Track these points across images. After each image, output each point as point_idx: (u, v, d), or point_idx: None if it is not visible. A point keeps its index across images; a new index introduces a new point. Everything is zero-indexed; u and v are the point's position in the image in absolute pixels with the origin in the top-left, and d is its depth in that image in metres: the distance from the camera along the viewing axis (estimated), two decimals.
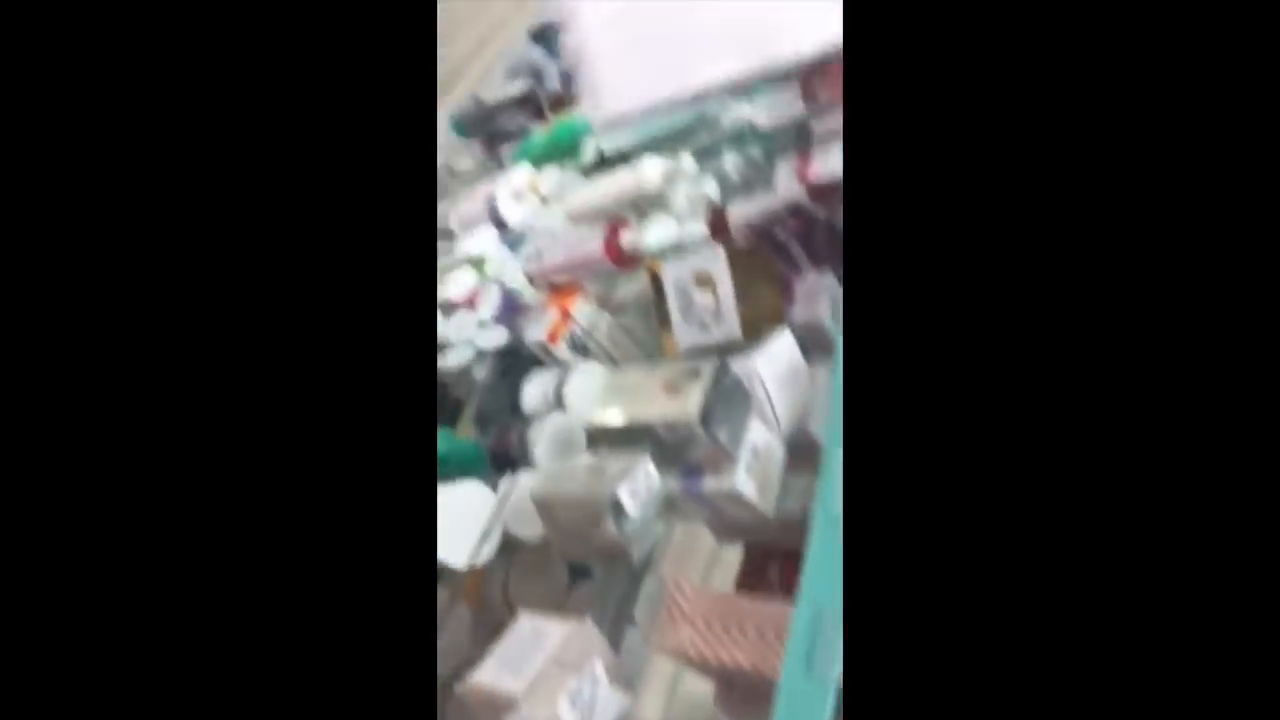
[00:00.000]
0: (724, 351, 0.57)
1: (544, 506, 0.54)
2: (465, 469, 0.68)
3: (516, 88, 1.18)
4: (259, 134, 0.18)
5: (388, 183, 0.18)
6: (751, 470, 0.52)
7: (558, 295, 0.75)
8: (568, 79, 1.14)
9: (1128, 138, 0.19)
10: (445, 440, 0.74)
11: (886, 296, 0.20)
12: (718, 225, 0.65)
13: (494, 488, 0.67)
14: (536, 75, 1.19)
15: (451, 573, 0.65)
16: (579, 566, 0.67)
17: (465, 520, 0.65)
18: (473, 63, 1.28)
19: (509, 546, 0.66)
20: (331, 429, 0.18)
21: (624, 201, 0.71)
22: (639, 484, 0.51)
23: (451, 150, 1.18)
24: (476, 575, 0.68)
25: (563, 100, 1.07)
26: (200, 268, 0.17)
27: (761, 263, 0.62)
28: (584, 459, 0.58)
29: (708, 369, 0.52)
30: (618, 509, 0.51)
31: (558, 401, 0.67)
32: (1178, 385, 0.18)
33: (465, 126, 1.19)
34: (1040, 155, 0.20)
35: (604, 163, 0.99)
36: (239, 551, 0.17)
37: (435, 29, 0.19)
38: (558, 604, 0.69)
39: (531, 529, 0.67)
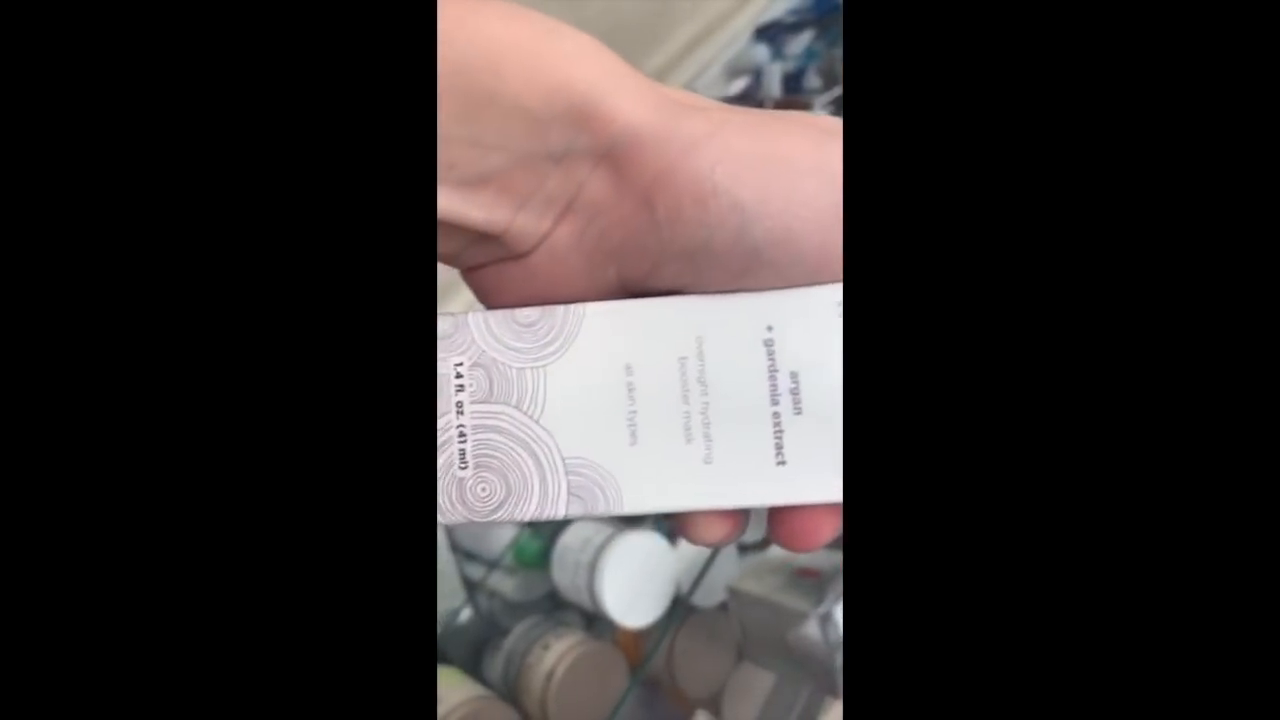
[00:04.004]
0: None
1: (737, 595, 0.47)
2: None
3: (735, 88, 1.11)
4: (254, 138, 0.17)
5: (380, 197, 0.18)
6: None
7: None
8: (791, 81, 1.06)
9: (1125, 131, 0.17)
10: None
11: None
12: None
13: (673, 541, 0.61)
14: (756, 75, 1.11)
15: (612, 623, 0.59)
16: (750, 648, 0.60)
17: (638, 575, 0.59)
18: (688, 58, 1.22)
19: (679, 608, 0.60)
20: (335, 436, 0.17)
21: None
22: None
23: None
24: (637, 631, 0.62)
25: (785, 106, 0.98)
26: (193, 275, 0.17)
27: None
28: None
29: None
30: (826, 621, 0.43)
31: None
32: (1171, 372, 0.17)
33: None
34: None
35: None
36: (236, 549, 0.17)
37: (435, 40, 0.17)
38: (720, 681, 0.62)
39: (709, 598, 0.60)
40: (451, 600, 0.67)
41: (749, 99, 1.07)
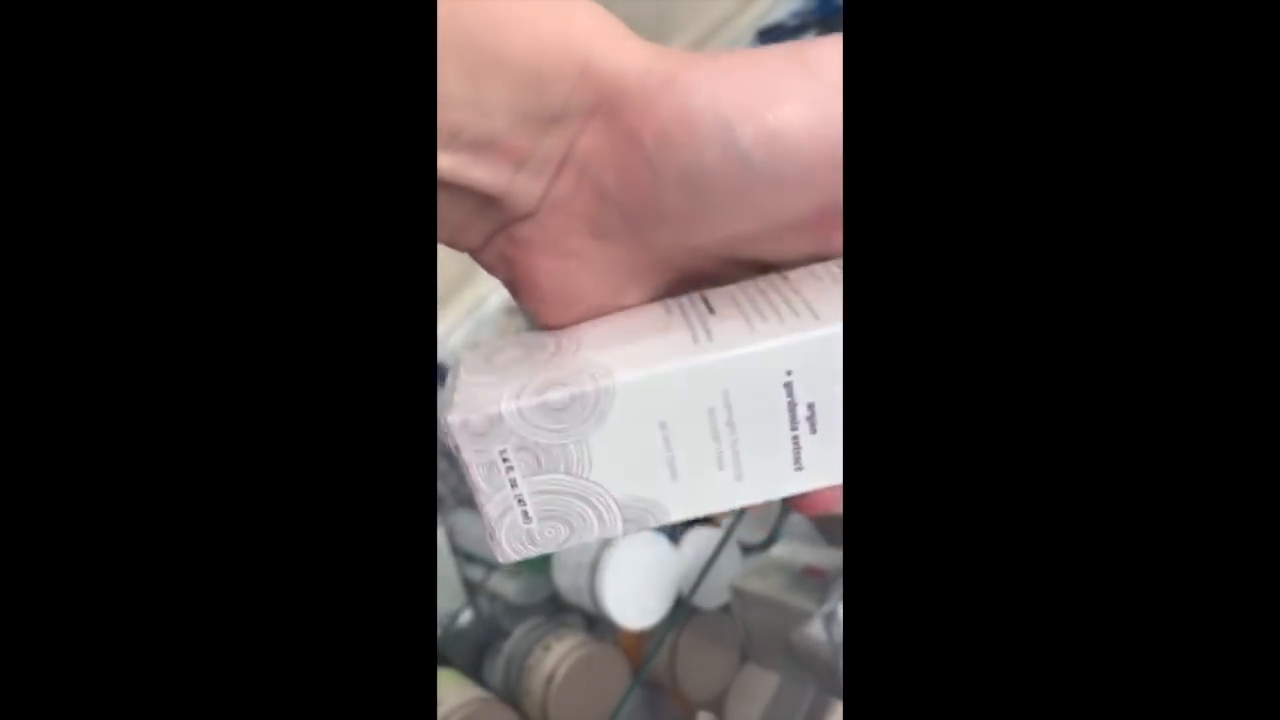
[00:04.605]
0: None
1: (740, 594, 0.47)
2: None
3: None
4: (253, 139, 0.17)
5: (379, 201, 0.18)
6: None
7: None
8: None
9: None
10: None
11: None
12: None
13: (675, 541, 0.61)
14: None
15: (614, 624, 0.59)
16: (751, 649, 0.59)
17: (640, 576, 0.58)
18: None
19: (681, 609, 0.59)
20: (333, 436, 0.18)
21: None
22: None
23: None
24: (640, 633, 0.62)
25: None
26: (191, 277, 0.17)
27: None
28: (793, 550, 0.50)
29: None
30: (830, 620, 0.42)
31: None
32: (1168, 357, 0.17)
33: None
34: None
35: None
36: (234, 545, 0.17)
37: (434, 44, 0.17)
38: (723, 682, 0.62)
39: (711, 600, 0.60)
40: (452, 602, 0.67)
41: None
